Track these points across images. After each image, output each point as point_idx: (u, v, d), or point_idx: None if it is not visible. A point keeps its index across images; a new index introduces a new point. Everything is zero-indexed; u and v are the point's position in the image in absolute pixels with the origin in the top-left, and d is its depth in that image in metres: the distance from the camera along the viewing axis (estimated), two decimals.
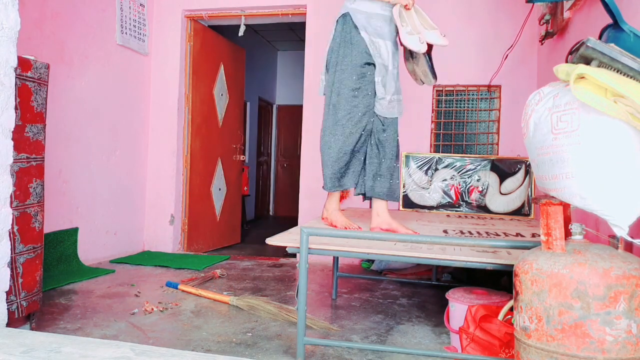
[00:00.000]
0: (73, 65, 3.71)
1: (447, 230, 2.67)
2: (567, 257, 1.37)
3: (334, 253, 2.08)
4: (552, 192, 1.51)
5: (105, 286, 3.25)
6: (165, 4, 4.69)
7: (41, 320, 2.48)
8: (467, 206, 3.83)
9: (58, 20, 3.55)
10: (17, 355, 1.57)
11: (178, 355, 1.64)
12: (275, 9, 4.58)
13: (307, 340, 1.96)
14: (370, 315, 2.80)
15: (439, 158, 3.92)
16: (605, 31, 1.81)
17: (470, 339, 1.96)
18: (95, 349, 1.65)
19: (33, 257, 2.27)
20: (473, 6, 4.20)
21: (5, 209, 2.00)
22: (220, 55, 5.15)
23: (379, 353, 2.18)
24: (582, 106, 1.41)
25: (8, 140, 2.01)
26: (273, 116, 8.91)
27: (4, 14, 1.98)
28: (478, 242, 1.89)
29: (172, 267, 3.89)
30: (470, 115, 4.22)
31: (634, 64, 1.41)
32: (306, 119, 4.53)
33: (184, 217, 4.74)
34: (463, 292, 2.23)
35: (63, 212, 3.64)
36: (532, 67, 4.07)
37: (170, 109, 4.65)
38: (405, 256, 1.96)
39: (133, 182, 4.48)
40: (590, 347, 1.30)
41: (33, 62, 2.26)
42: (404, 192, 3.93)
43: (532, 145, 1.58)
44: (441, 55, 4.25)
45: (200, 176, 4.90)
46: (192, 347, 2.20)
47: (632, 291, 1.30)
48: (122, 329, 2.43)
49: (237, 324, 2.56)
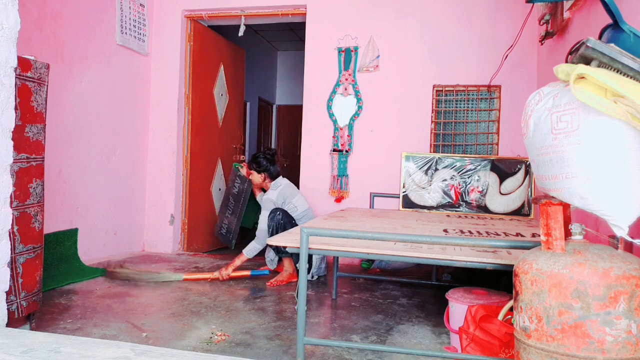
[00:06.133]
0: (73, 65, 3.71)
1: (447, 229, 2.66)
2: (567, 257, 1.37)
3: (334, 253, 2.08)
4: (552, 192, 1.51)
5: (106, 286, 3.25)
6: (165, 4, 4.69)
7: (41, 320, 2.48)
8: (467, 206, 3.83)
9: (58, 20, 3.55)
10: (17, 355, 1.57)
11: (178, 355, 1.64)
12: (275, 9, 4.58)
13: (307, 340, 1.96)
14: (370, 315, 2.80)
15: (439, 158, 3.92)
16: (605, 31, 1.81)
17: (470, 339, 1.96)
18: (95, 349, 1.65)
19: (33, 257, 2.27)
20: (473, 6, 4.20)
21: (5, 209, 2.00)
22: (220, 56, 5.15)
23: (379, 353, 2.18)
24: (582, 106, 1.41)
25: (8, 140, 2.01)
26: (273, 116, 8.91)
27: (4, 14, 1.98)
28: (478, 242, 1.88)
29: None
30: (470, 115, 4.22)
31: (634, 64, 1.41)
32: (306, 119, 4.53)
33: (184, 217, 4.74)
34: (463, 292, 2.23)
35: (63, 212, 3.64)
36: (532, 67, 4.07)
37: (170, 109, 4.65)
38: (405, 256, 1.96)
39: (133, 182, 4.48)
40: (590, 347, 1.30)
41: (33, 62, 2.26)
42: (404, 192, 3.93)
43: (532, 145, 1.58)
44: (441, 55, 4.27)
45: (200, 176, 4.90)
46: (192, 347, 2.20)
47: (632, 291, 1.30)
48: (122, 329, 2.43)
49: (237, 323, 2.56)
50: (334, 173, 4.39)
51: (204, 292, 3.19)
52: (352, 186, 4.36)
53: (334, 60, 4.44)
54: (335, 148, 4.40)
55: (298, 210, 3.74)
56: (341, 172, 4.38)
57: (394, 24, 4.33)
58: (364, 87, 4.38)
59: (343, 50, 4.41)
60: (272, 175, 3.85)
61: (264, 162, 3.83)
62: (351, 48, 4.39)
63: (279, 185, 3.79)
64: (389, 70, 4.34)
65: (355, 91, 4.37)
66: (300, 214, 3.74)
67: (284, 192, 3.75)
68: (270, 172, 3.85)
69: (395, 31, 4.33)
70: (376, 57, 4.35)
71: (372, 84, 4.36)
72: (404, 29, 4.32)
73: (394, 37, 4.33)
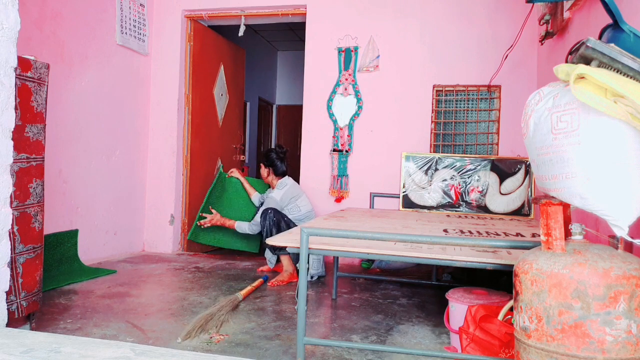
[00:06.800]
0: (73, 65, 3.71)
1: (447, 229, 2.66)
2: (567, 257, 1.37)
3: (334, 253, 2.08)
4: (552, 192, 1.51)
5: (106, 286, 3.25)
6: (165, 4, 4.69)
7: (41, 320, 2.48)
8: (467, 206, 3.83)
9: (58, 20, 3.55)
10: (17, 355, 1.57)
11: (178, 355, 1.64)
12: (275, 9, 4.58)
13: (307, 340, 1.96)
14: (370, 315, 2.80)
15: (439, 158, 3.92)
16: (605, 31, 1.81)
17: (470, 339, 1.96)
18: (95, 349, 1.65)
19: (33, 257, 2.27)
20: (473, 6, 4.20)
21: (5, 209, 2.00)
22: (220, 56, 5.16)
23: (379, 353, 2.18)
24: (582, 106, 1.41)
25: (8, 140, 2.01)
26: (273, 116, 8.91)
27: (4, 14, 1.98)
28: (478, 242, 1.88)
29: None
30: (470, 115, 4.22)
31: (634, 64, 1.41)
32: (306, 119, 4.53)
33: (184, 217, 4.74)
34: (463, 292, 2.23)
35: (63, 212, 3.64)
36: (532, 67, 4.07)
37: (170, 109, 4.65)
38: (405, 256, 1.96)
39: (133, 182, 4.48)
40: (590, 347, 1.30)
41: (33, 62, 2.26)
42: (404, 192, 3.93)
43: (532, 145, 1.58)
44: (441, 55, 4.27)
45: (200, 176, 4.90)
46: (192, 347, 2.21)
47: (632, 291, 1.30)
48: (122, 329, 2.43)
49: (237, 323, 2.56)
50: (334, 173, 4.39)
51: (204, 292, 3.19)
52: (352, 186, 4.37)
53: (334, 60, 4.44)
54: (335, 148, 4.40)
55: (301, 211, 3.80)
56: (341, 172, 4.38)
57: (394, 24, 4.33)
58: (364, 87, 4.38)
59: (343, 50, 4.41)
60: (277, 171, 3.96)
61: (273, 157, 3.97)
62: (351, 48, 4.39)
63: (285, 185, 3.87)
64: (389, 70, 4.34)
65: (355, 91, 4.38)
66: (302, 215, 3.80)
67: (289, 192, 3.83)
68: (277, 167, 3.96)
69: (395, 31, 4.33)
70: (376, 57, 4.35)
71: (372, 84, 4.36)
72: (404, 29, 4.32)
73: (394, 37, 4.33)
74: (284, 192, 3.80)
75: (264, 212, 3.65)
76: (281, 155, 3.99)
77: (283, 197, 3.78)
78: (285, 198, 3.78)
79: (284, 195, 3.79)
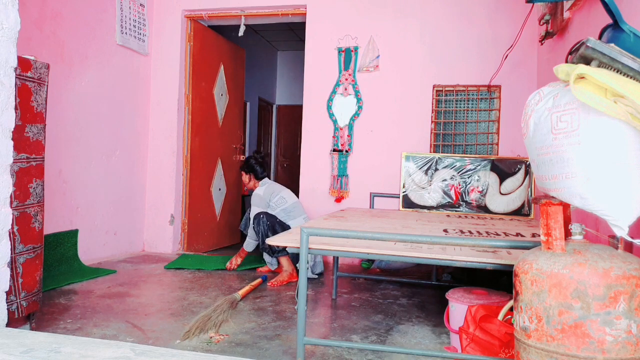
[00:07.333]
0: (73, 65, 3.71)
1: (447, 229, 2.66)
2: (567, 257, 1.37)
3: (334, 253, 2.08)
4: (552, 192, 1.51)
5: (106, 286, 3.25)
6: (165, 4, 4.69)
7: (41, 320, 2.48)
8: (467, 206, 3.83)
9: (58, 20, 3.55)
10: (17, 355, 1.57)
11: (178, 355, 1.64)
12: (275, 9, 4.58)
13: (307, 340, 1.96)
14: (370, 315, 2.80)
15: (439, 158, 3.92)
16: (605, 31, 1.81)
17: (470, 339, 1.96)
18: (95, 349, 1.65)
19: (33, 257, 2.27)
20: (473, 6, 4.20)
21: (5, 209, 2.00)
22: (220, 55, 5.15)
23: (379, 353, 2.18)
24: (582, 106, 1.41)
25: (8, 140, 2.01)
26: (273, 116, 8.91)
27: (4, 14, 1.98)
28: (478, 242, 1.88)
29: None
30: (470, 115, 4.22)
31: (634, 64, 1.41)
32: (306, 119, 4.53)
33: (184, 217, 4.74)
34: (463, 292, 2.23)
35: (63, 212, 3.64)
36: (532, 67, 4.07)
37: (170, 109, 4.65)
38: (405, 256, 1.96)
39: (133, 182, 4.48)
40: (590, 347, 1.30)
41: (33, 62, 2.26)
42: (404, 192, 3.93)
43: (532, 145, 1.58)
44: (441, 55, 4.27)
45: (200, 176, 4.90)
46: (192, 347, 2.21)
47: (632, 291, 1.30)
48: (122, 329, 2.43)
49: (237, 323, 2.56)
50: (334, 173, 4.39)
51: (204, 292, 3.19)
52: (352, 186, 4.37)
53: (334, 60, 4.44)
54: (335, 148, 4.40)
55: (287, 202, 3.89)
56: (341, 172, 4.38)
57: (394, 24, 4.33)
58: (364, 87, 4.38)
59: (343, 50, 4.41)
60: (257, 176, 4.06)
61: (252, 163, 4.06)
62: (351, 48, 4.39)
63: (265, 183, 4.00)
64: (389, 70, 4.34)
65: (355, 91, 4.37)
66: (290, 205, 3.88)
67: (271, 188, 3.95)
68: (257, 172, 4.05)
69: (395, 31, 4.33)
70: (376, 57, 4.35)
71: (372, 84, 4.36)
72: (404, 29, 4.32)
73: (394, 37, 4.33)
74: (265, 187, 3.93)
75: (255, 217, 3.72)
76: (260, 160, 4.08)
77: (266, 192, 3.89)
78: (268, 192, 3.89)
79: (266, 190, 3.91)
